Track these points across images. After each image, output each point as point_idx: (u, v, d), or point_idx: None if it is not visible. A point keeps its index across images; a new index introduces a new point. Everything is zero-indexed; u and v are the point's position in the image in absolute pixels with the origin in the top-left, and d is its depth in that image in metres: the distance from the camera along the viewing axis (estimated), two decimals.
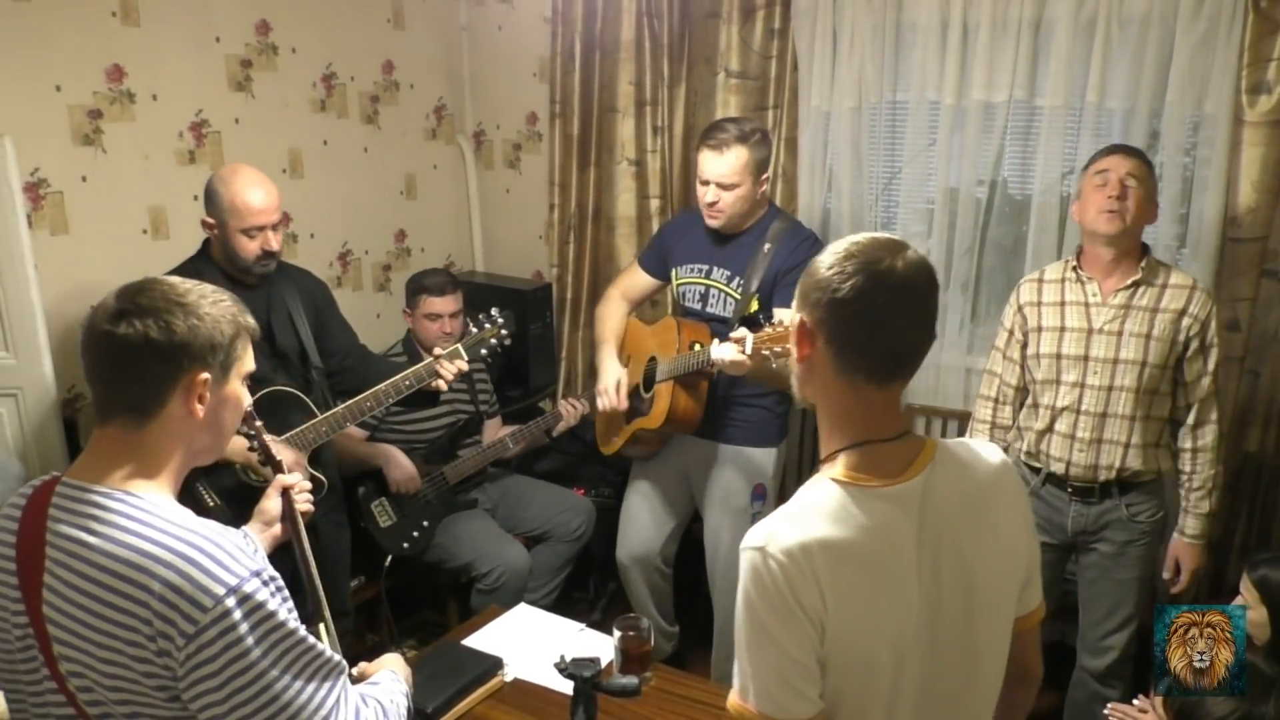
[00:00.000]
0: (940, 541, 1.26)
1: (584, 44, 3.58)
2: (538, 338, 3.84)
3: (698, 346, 2.65)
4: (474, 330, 2.68)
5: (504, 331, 2.68)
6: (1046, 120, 2.95)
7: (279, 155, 3.43)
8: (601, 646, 2.30)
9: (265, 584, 1.20)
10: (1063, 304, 2.44)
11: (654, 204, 3.63)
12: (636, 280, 2.99)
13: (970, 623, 1.29)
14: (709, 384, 2.73)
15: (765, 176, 2.68)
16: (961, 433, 3.27)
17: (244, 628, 1.16)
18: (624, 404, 2.81)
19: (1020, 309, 2.52)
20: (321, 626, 1.65)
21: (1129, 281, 2.36)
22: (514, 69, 3.93)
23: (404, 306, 3.32)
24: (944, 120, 3.09)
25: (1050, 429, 2.47)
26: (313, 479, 2.51)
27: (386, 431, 3.15)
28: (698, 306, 2.81)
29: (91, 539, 1.19)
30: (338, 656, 1.29)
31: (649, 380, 2.83)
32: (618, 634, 2.20)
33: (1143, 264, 2.36)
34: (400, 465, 3.06)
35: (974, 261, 3.19)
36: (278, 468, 1.73)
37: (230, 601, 1.16)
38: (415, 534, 3.07)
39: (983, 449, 1.35)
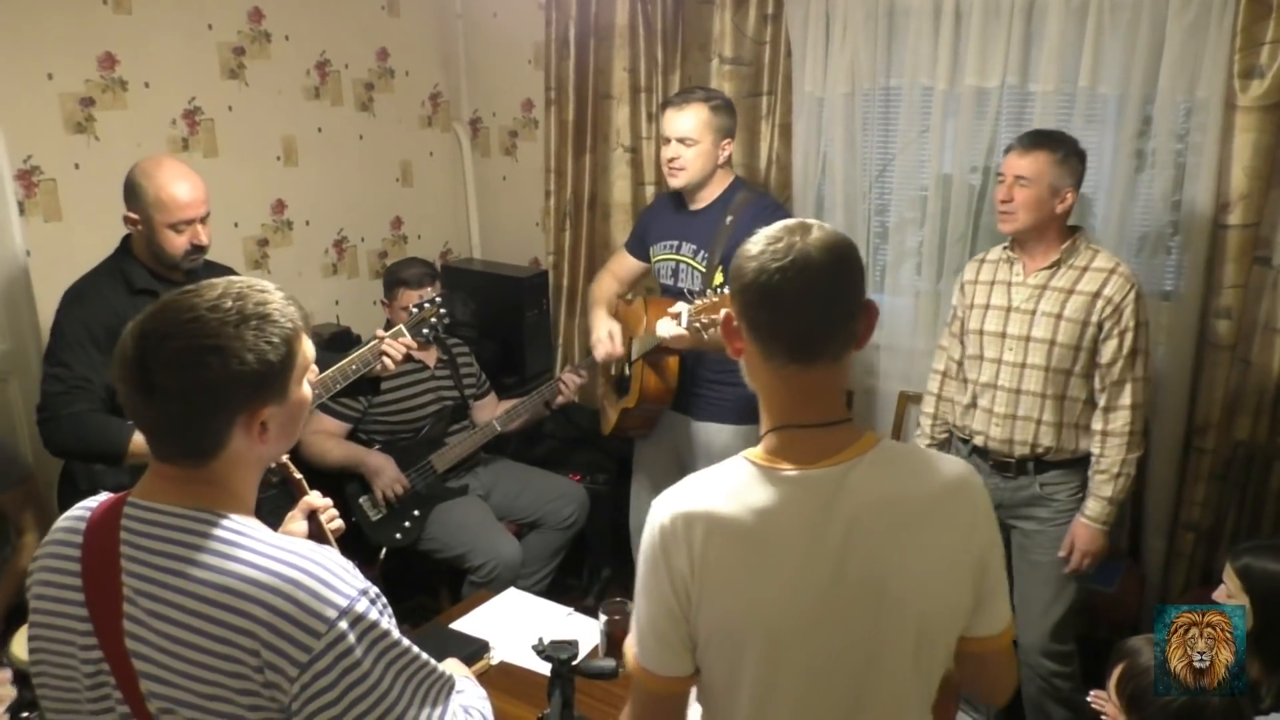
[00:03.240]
0: (852, 537, 1.22)
1: (578, 30, 3.58)
2: (534, 325, 3.84)
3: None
4: (414, 311, 2.72)
5: (442, 311, 2.71)
6: (1039, 106, 2.92)
7: (273, 143, 3.44)
8: (588, 631, 2.31)
9: (373, 602, 1.14)
10: (993, 283, 2.52)
11: (649, 190, 3.63)
12: (623, 264, 3.13)
13: (876, 630, 1.24)
14: (679, 362, 2.83)
15: (727, 142, 2.76)
16: None
17: (359, 650, 1.11)
18: (620, 349, 2.88)
19: (962, 286, 2.61)
20: None
21: (1049, 263, 2.42)
22: (509, 55, 3.93)
23: (382, 297, 3.28)
24: (937, 106, 3.08)
25: (974, 404, 2.56)
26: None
27: (371, 423, 3.15)
28: (670, 282, 2.92)
29: (182, 566, 1.11)
30: (447, 670, 1.24)
31: (630, 361, 2.93)
32: (604, 618, 2.21)
33: (1064, 246, 2.41)
34: (382, 472, 3.04)
35: (967, 248, 3.18)
36: (300, 489, 1.63)
37: (343, 625, 1.10)
38: (407, 524, 3.08)
39: (939, 462, 1.30)
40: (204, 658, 1.09)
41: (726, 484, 1.25)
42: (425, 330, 2.70)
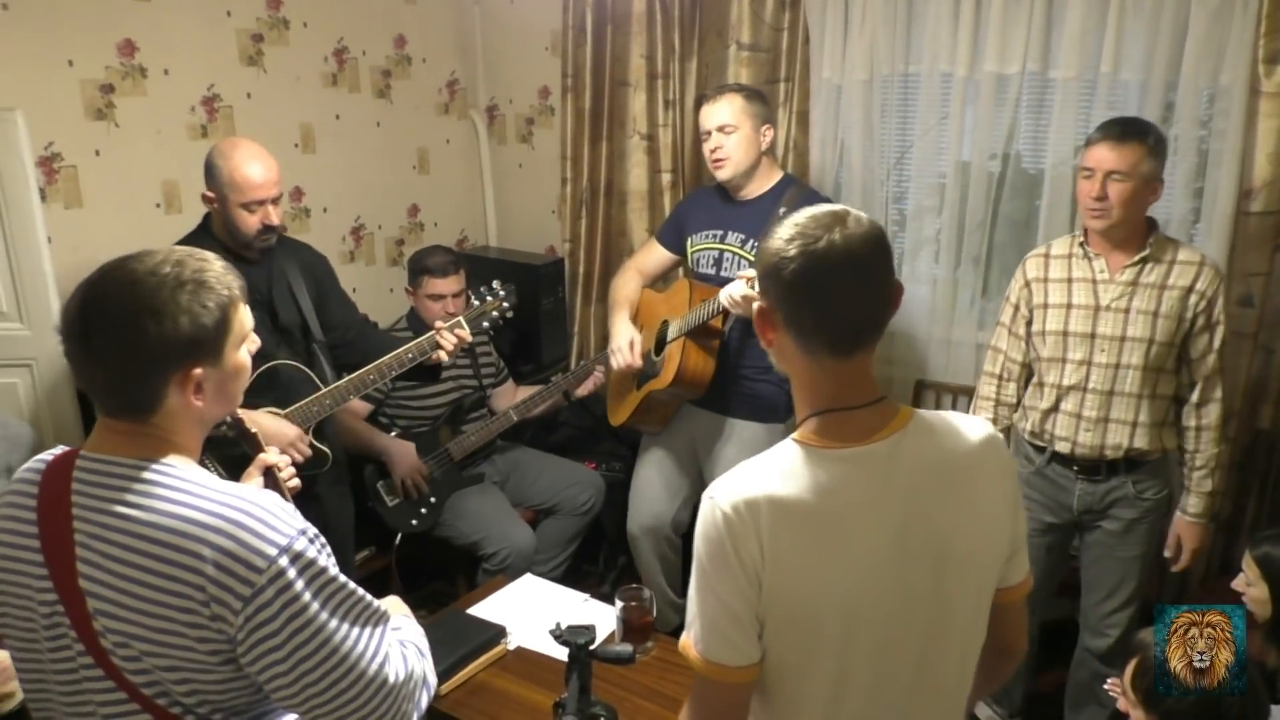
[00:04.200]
0: (910, 507, 1.25)
1: (595, 17, 3.57)
2: (550, 312, 3.84)
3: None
4: (475, 302, 2.69)
5: (505, 304, 2.68)
6: (1060, 92, 2.91)
7: (291, 130, 3.45)
8: (605, 617, 2.32)
9: (311, 541, 1.22)
10: (1069, 280, 2.39)
11: (665, 178, 3.62)
12: (653, 255, 3.05)
13: (939, 592, 1.27)
14: (720, 347, 2.76)
15: (767, 128, 2.74)
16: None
17: (299, 585, 1.18)
18: (638, 361, 2.84)
19: (1027, 284, 2.47)
20: None
21: (1136, 258, 2.31)
22: (526, 42, 3.92)
23: (406, 285, 3.30)
24: (956, 93, 3.06)
25: (1056, 408, 2.44)
26: (317, 452, 2.53)
27: (391, 408, 3.16)
28: (711, 271, 2.84)
29: (130, 511, 1.19)
30: (381, 604, 1.30)
31: (660, 344, 2.86)
32: (620, 604, 2.22)
33: (1150, 240, 2.31)
34: (402, 461, 3.06)
35: (985, 236, 3.16)
36: (256, 446, 1.66)
37: (283, 561, 1.17)
38: (423, 510, 3.10)
39: (965, 421, 1.33)
40: (155, 594, 1.17)
41: (782, 467, 1.25)
42: (486, 324, 2.69)
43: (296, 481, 1.69)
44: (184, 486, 1.21)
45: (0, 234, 2.58)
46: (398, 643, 1.33)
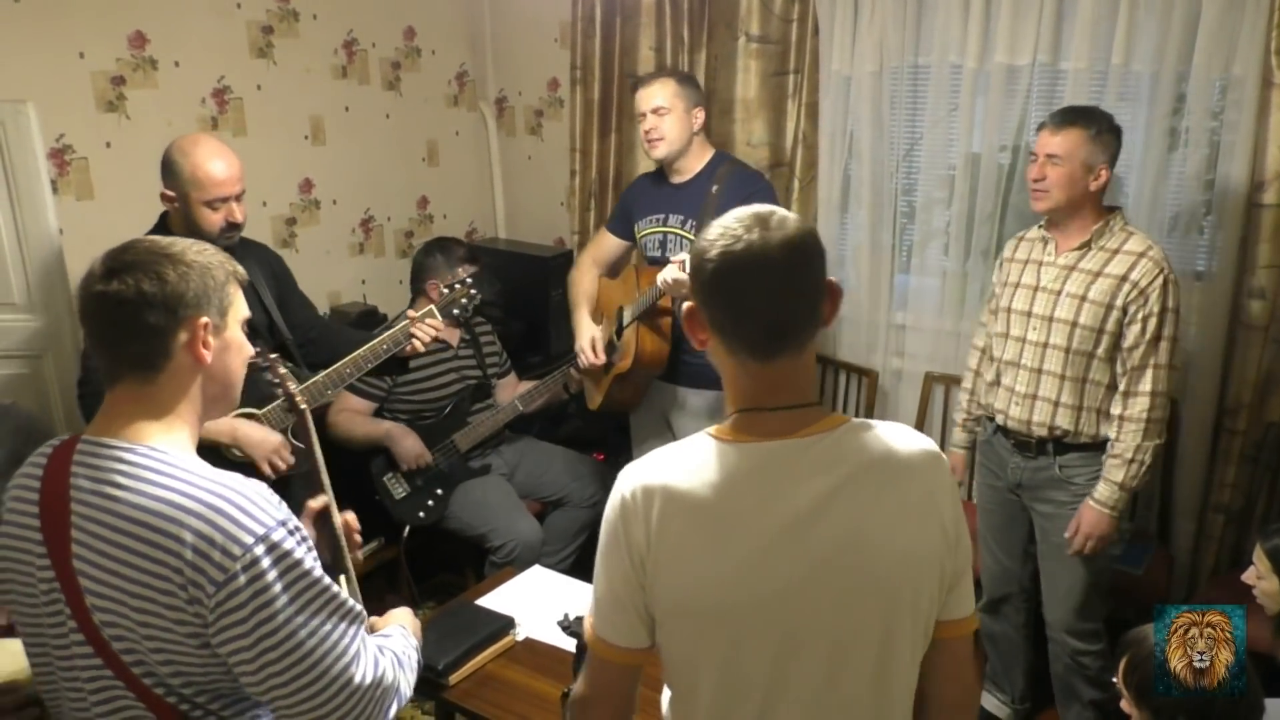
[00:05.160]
0: (816, 508, 1.20)
1: (605, 8, 3.57)
2: (558, 304, 3.84)
3: None
4: (445, 292, 2.73)
5: (473, 291, 2.72)
6: (1071, 84, 2.89)
7: (301, 122, 3.46)
8: None
9: (291, 533, 1.24)
10: (1027, 261, 2.51)
11: None
12: (604, 245, 3.20)
13: (846, 603, 1.21)
14: (671, 322, 2.92)
15: (698, 110, 2.91)
16: None
17: (272, 575, 1.20)
18: (601, 358, 3.02)
19: (1001, 263, 2.61)
20: (342, 578, 1.68)
21: (1079, 243, 2.39)
22: (536, 34, 3.92)
23: (430, 279, 3.17)
24: (966, 85, 3.04)
25: (997, 382, 2.57)
26: (295, 450, 2.50)
27: (395, 403, 3.17)
28: (658, 254, 3.00)
29: (119, 493, 1.22)
30: (358, 605, 1.32)
31: (620, 330, 3.00)
32: None
33: (1095, 227, 2.37)
34: (405, 445, 3.07)
35: (995, 228, 3.15)
36: (307, 436, 1.72)
37: (259, 550, 1.19)
38: (430, 503, 3.11)
39: (911, 436, 1.28)
40: (138, 574, 1.20)
41: (688, 459, 1.26)
42: (455, 311, 2.71)
43: (359, 540, 1.74)
44: (172, 471, 1.24)
45: (13, 226, 2.60)
46: (375, 647, 1.35)
